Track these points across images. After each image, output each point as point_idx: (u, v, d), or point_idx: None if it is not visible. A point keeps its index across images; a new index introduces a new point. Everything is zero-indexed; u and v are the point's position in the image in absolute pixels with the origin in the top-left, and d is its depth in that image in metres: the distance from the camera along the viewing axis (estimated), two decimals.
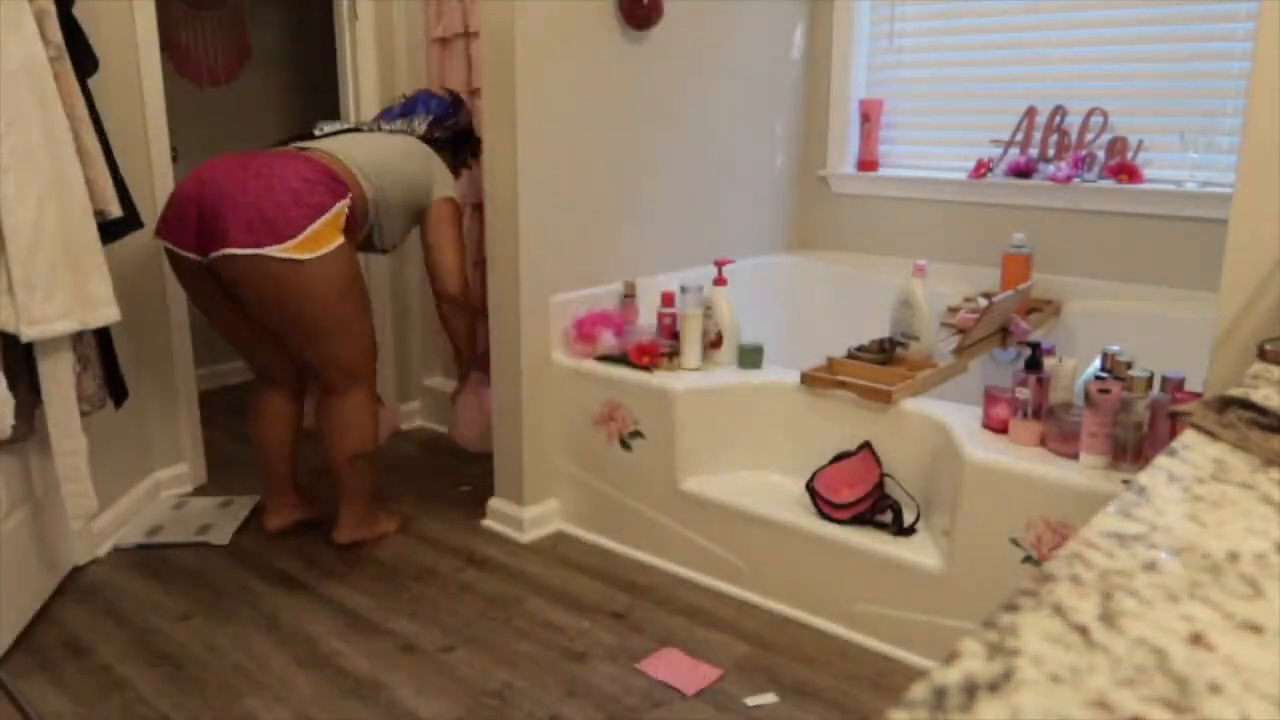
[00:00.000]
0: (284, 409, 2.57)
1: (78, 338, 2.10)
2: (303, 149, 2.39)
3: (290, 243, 2.19)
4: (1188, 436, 0.76)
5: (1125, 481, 1.46)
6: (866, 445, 2.21)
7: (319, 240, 2.23)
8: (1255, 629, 0.47)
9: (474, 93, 3.15)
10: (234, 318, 2.39)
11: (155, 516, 2.71)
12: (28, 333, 1.89)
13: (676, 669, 2.02)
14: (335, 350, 2.36)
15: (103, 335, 2.24)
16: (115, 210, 2.15)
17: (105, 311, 2.06)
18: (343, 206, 2.28)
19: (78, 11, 2.13)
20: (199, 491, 2.92)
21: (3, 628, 2.06)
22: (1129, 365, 1.92)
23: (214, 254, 2.18)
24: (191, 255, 2.25)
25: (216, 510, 2.76)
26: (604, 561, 2.50)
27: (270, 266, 2.18)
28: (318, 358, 2.37)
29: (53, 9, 1.93)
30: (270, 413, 2.56)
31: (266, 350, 2.48)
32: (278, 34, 4.13)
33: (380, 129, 2.66)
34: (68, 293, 1.94)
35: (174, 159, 2.85)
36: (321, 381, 2.44)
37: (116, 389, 2.32)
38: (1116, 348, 2.00)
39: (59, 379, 2.03)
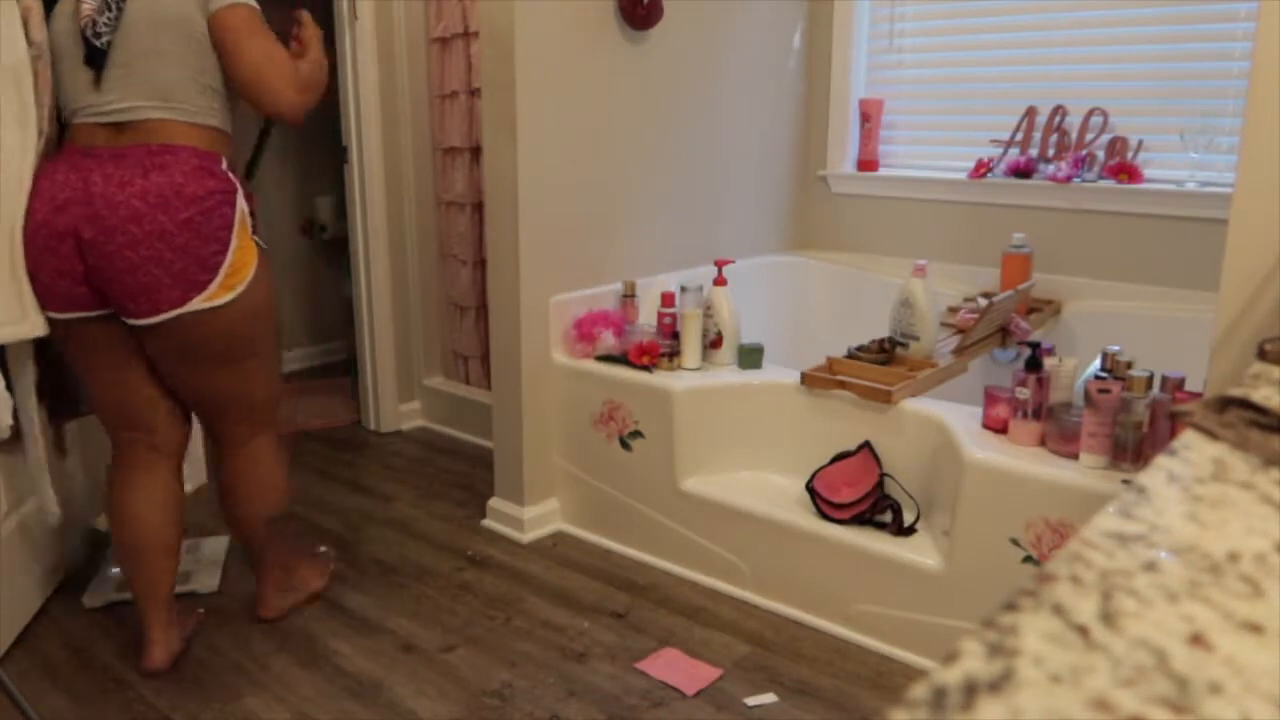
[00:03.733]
0: (178, 489, 2.03)
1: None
2: (120, 124, 1.79)
3: (214, 284, 1.79)
4: (1188, 436, 0.76)
5: (1125, 481, 1.46)
6: (866, 445, 2.21)
7: (242, 266, 1.84)
8: (1255, 629, 0.47)
9: (474, 93, 3.16)
10: (136, 375, 1.91)
11: None
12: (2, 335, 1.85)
13: (676, 669, 2.02)
14: (250, 382, 1.95)
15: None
16: None
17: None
18: (240, 199, 1.85)
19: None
20: (198, 492, 2.92)
21: (3, 628, 2.06)
22: (1129, 365, 1.92)
23: (140, 321, 1.78)
24: (84, 315, 1.82)
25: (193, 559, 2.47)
26: (604, 561, 2.50)
27: (197, 319, 1.80)
28: (225, 395, 1.94)
29: (38, 6, 1.92)
30: (162, 494, 1.98)
31: (163, 408, 1.97)
32: (277, 34, 4.12)
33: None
34: (14, 298, 1.84)
35: None
36: (222, 431, 2.01)
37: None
38: (1116, 348, 2.00)
39: (24, 386, 1.99)
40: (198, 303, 1.78)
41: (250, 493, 2.06)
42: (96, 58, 1.77)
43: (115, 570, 2.29)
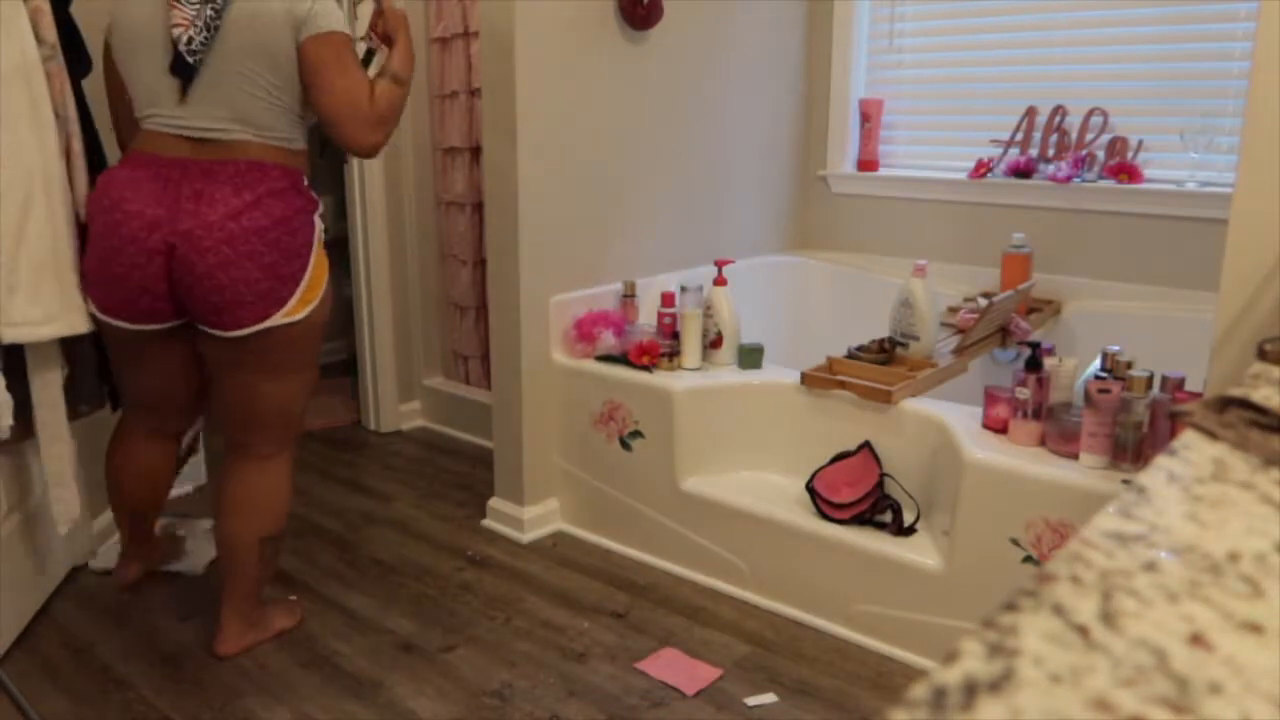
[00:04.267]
0: (173, 450, 2.21)
1: (75, 338, 2.08)
2: (204, 140, 1.82)
3: (293, 300, 1.85)
4: (1188, 436, 0.76)
5: (1125, 481, 1.46)
6: (866, 445, 2.21)
7: (317, 281, 1.91)
8: (1255, 629, 0.47)
9: (474, 93, 3.16)
10: (171, 379, 2.03)
11: None
12: (8, 335, 1.87)
13: (676, 669, 2.02)
14: (292, 395, 1.98)
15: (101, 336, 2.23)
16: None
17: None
18: (318, 216, 1.94)
19: (74, 11, 2.12)
20: (199, 491, 2.92)
21: (3, 628, 2.06)
22: (1129, 365, 1.92)
23: (219, 333, 1.83)
24: (155, 328, 1.89)
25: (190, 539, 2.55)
26: (604, 561, 2.50)
27: (274, 331, 1.85)
28: (269, 404, 1.95)
29: (47, 7, 1.93)
30: (160, 455, 2.17)
31: (185, 406, 2.11)
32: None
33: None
34: (54, 297, 1.90)
35: None
36: (251, 442, 1.99)
37: (114, 390, 2.31)
38: (1116, 348, 2.00)
39: (47, 381, 2.01)
40: (278, 318, 1.83)
41: (256, 506, 2.00)
42: (184, 70, 1.78)
43: None
